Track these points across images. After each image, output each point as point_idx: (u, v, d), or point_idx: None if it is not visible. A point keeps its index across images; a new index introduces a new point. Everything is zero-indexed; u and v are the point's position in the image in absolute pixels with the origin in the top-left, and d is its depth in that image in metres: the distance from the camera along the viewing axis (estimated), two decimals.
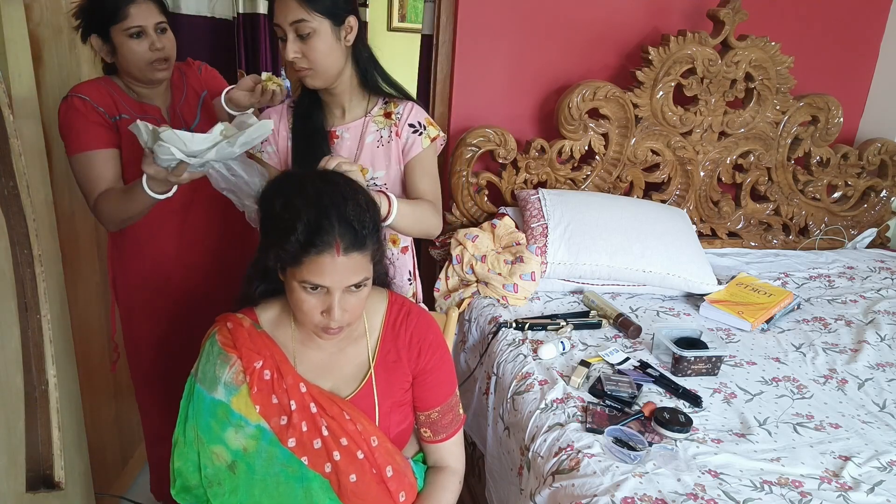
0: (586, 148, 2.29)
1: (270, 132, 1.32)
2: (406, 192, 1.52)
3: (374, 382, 1.19)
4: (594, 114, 2.27)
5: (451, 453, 1.29)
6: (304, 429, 1.12)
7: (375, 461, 1.15)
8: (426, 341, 1.22)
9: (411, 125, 1.48)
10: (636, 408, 1.43)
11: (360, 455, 1.14)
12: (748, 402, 1.50)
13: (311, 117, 1.47)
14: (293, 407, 1.12)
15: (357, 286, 1.07)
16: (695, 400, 1.46)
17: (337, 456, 1.12)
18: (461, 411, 1.30)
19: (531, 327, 1.76)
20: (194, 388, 1.15)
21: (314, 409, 1.13)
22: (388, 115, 1.49)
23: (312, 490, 1.12)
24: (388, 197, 1.27)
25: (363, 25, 1.43)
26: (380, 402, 1.18)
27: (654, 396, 1.49)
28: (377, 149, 1.48)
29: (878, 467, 1.29)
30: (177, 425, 1.17)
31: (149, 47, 1.45)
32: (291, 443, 1.11)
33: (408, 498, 1.20)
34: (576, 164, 2.33)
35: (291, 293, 1.08)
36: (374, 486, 1.15)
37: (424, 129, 1.49)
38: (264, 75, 1.52)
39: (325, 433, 1.12)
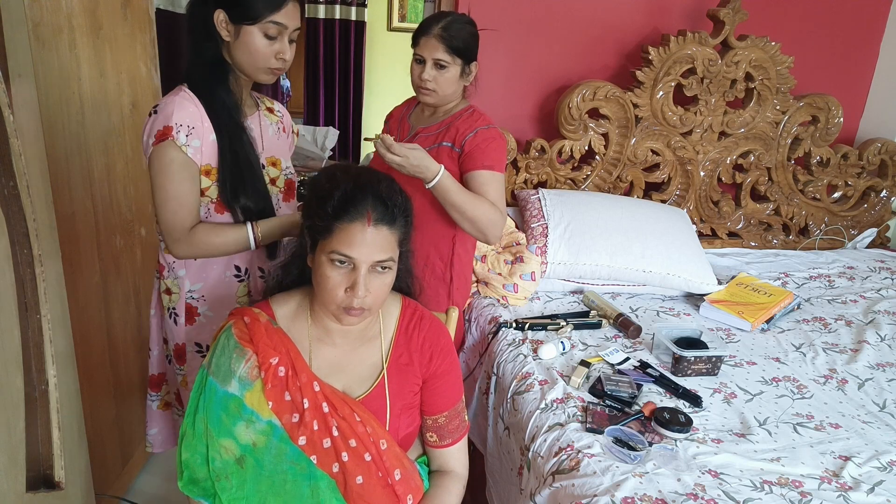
0: (586, 148, 2.29)
1: None
2: None
3: (386, 383, 1.19)
4: (594, 114, 2.27)
5: (456, 458, 1.29)
6: (315, 427, 1.12)
7: (383, 464, 1.15)
8: (438, 346, 1.23)
9: (293, 129, 1.57)
10: (636, 408, 1.43)
11: (368, 457, 1.14)
12: (748, 402, 1.50)
13: (228, 107, 1.34)
14: (306, 405, 1.12)
15: (383, 267, 1.09)
16: (695, 400, 1.46)
17: (345, 457, 1.12)
18: (466, 417, 1.30)
19: (531, 327, 1.76)
20: (206, 380, 1.15)
21: (326, 409, 1.13)
22: (270, 111, 1.51)
23: (320, 489, 1.12)
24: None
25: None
26: (391, 403, 1.19)
27: (654, 396, 1.49)
28: (277, 140, 1.50)
29: (878, 467, 1.29)
30: (185, 417, 1.16)
31: None
32: (302, 441, 1.12)
33: (415, 500, 1.20)
34: (576, 164, 2.33)
35: (318, 270, 1.10)
36: (380, 489, 1.15)
37: (294, 129, 1.59)
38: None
39: (336, 433, 1.13)
